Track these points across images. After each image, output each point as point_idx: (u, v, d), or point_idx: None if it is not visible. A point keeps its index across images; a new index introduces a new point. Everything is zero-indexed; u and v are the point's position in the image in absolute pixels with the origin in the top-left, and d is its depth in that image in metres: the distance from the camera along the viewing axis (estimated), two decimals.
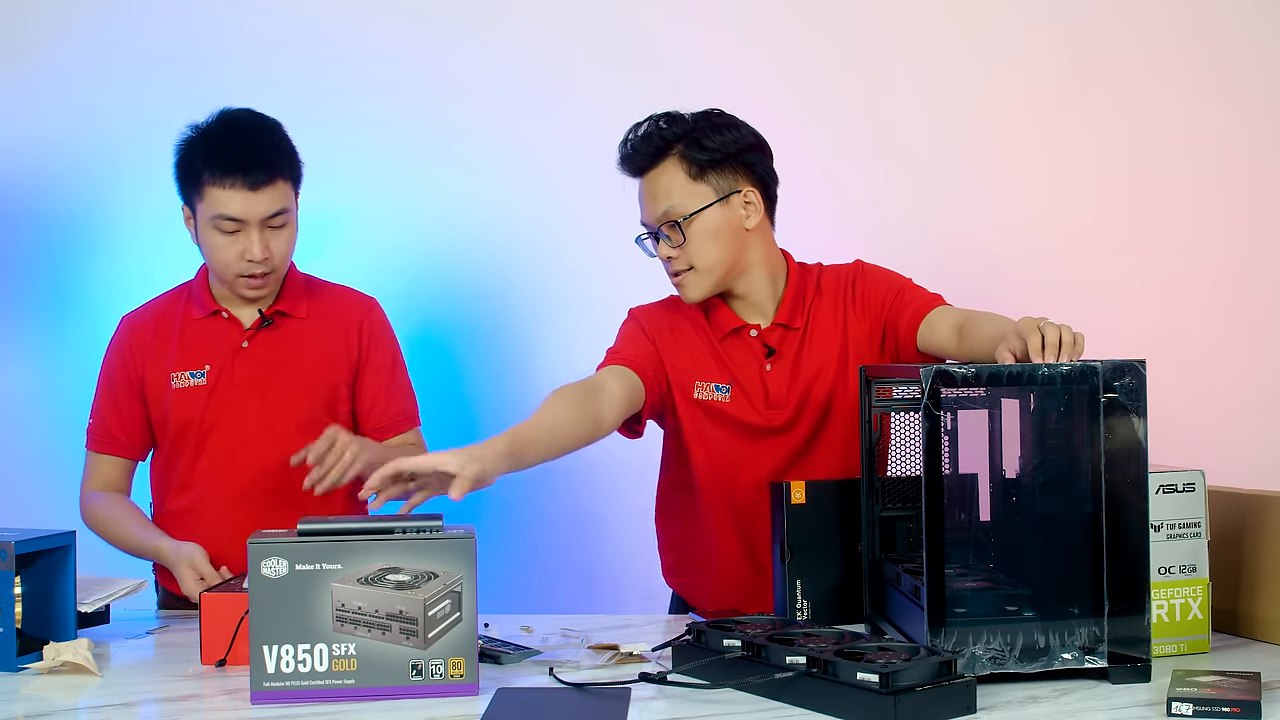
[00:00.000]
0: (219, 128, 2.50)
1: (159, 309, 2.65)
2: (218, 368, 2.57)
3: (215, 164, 2.45)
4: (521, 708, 1.80)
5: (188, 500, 2.58)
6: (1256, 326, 3.20)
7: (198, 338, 2.59)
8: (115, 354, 2.63)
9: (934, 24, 3.26)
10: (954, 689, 1.73)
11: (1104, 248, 3.22)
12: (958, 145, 3.26)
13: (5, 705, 1.89)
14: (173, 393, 2.57)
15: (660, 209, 2.36)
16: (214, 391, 2.56)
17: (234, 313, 2.59)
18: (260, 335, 2.58)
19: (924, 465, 1.85)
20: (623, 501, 2.89)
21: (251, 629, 1.80)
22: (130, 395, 2.61)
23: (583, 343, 3.26)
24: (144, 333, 2.62)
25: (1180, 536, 2.04)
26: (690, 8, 3.29)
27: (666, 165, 2.36)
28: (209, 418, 2.56)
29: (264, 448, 2.55)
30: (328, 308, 2.63)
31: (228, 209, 2.45)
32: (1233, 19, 3.20)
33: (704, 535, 2.49)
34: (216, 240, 2.48)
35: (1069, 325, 1.94)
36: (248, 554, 1.80)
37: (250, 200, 2.45)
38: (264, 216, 2.47)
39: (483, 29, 3.29)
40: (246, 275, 2.50)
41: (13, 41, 3.29)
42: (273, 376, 2.57)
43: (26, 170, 3.28)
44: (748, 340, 2.45)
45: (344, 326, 2.62)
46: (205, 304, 2.60)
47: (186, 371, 2.57)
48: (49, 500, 3.16)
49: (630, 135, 2.40)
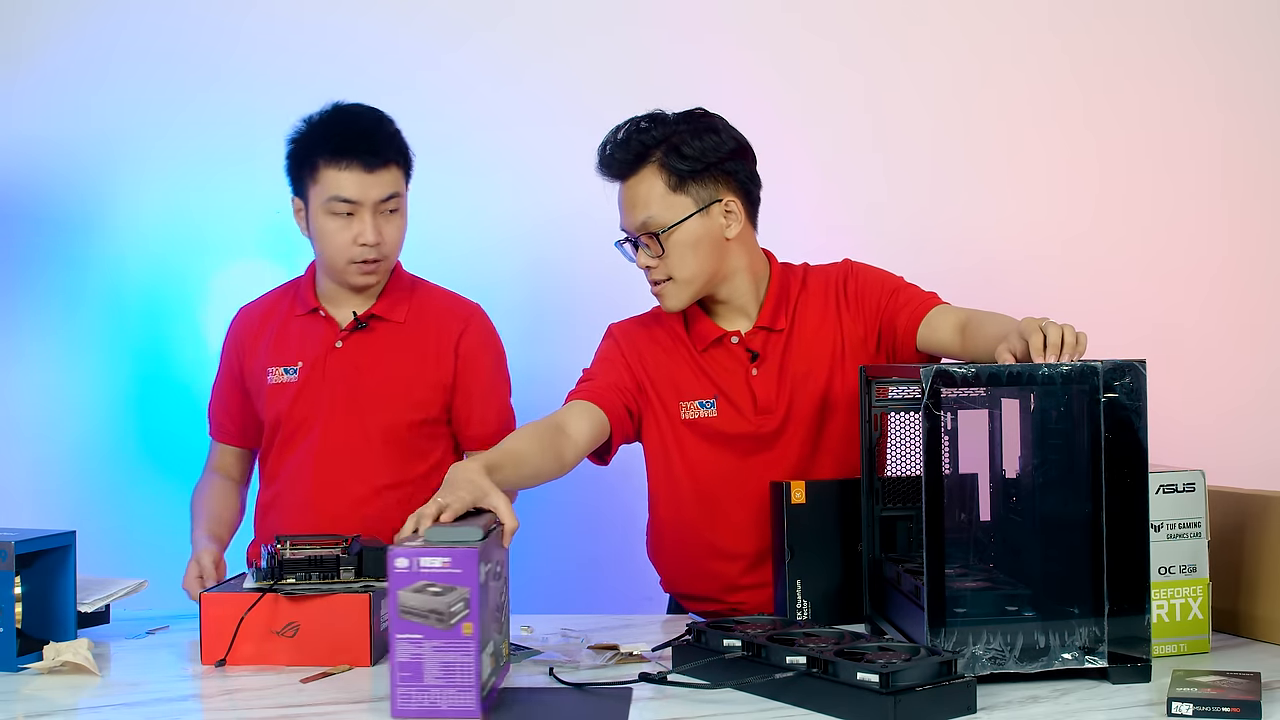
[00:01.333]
0: (334, 115, 2.53)
1: (269, 302, 2.66)
2: (309, 365, 2.57)
3: (331, 146, 2.47)
4: (522, 708, 1.80)
5: (270, 495, 2.61)
6: (1255, 326, 3.20)
7: (296, 334, 2.60)
8: (227, 344, 2.67)
9: (936, 27, 3.27)
10: (954, 689, 1.73)
11: (1104, 249, 3.22)
12: (958, 149, 3.26)
13: (5, 705, 1.89)
14: (269, 388, 2.58)
15: (639, 218, 2.33)
16: (303, 390, 2.56)
17: (331, 312, 2.59)
18: (354, 337, 2.57)
19: (924, 465, 1.85)
20: (623, 501, 2.88)
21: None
22: (234, 386, 2.64)
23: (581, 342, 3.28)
24: (251, 325, 2.64)
25: (1180, 536, 2.04)
26: (690, 9, 3.29)
27: (645, 173, 2.32)
28: (296, 415, 2.56)
29: (344, 448, 2.54)
30: (426, 316, 2.60)
31: (343, 190, 2.46)
32: (1233, 23, 3.20)
33: (705, 554, 2.44)
34: (330, 225, 2.48)
35: (1071, 325, 1.94)
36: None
37: (365, 182, 2.46)
38: (378, 200, 2.48)
39: (482, 29, 3.29)
40: (359, 261, 2.50)
41: (10, 41, 3.29)
42: (362, 380, 2.56)
43: (24, 170, 3.28)
44: (730, 348, 2.41)
45: (439, 339, 2.59)
46: (307, 301, 2.60)
47: (281, 367, 2.58)
48: (49, 500, 3.18)
49: (609, 139, 2.36)
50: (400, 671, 1.74)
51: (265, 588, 2.07)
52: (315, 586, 2.08)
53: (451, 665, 1.74)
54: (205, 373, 3.26)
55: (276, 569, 2.09)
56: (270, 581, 2.08)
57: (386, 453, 2.55)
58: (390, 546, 1.76)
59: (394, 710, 1.75)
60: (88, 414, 3.27)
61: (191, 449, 3.21)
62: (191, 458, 3.19)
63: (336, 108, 2.55)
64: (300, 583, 2.08)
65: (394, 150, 2.52)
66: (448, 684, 1.74)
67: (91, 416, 3.28)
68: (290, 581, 2.08)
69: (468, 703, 1.74)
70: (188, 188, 3.27)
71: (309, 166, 2.50)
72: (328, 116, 2.53)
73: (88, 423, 3.27)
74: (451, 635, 1.74)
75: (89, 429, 3.27)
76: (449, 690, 1.74)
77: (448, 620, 1.74)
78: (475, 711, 1.74)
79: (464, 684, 1.74)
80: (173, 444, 3.26)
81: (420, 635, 1.74)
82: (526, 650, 2.09)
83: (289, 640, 2.06)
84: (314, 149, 2.49)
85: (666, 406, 2.41)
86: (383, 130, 2.52)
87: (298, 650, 2.05)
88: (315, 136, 2.51)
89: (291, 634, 2.06)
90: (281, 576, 2.09)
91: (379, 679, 1.98)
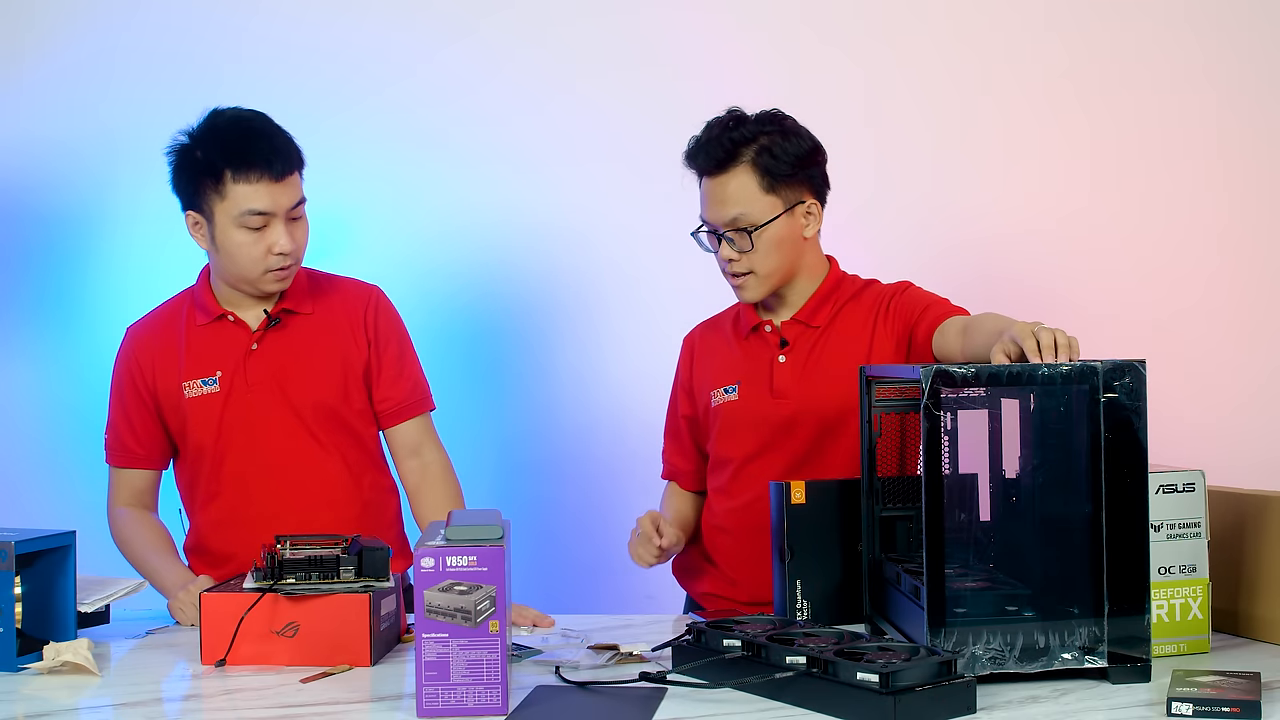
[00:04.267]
0: (229, 126, 2.49)
1: (163, 317, 2.63)
2: (230, 373, 2.54)
3: (238, 160, 2.44)
4: (554, 704, 1.81)
5: (220, 508, 2.56)
6: (1255, 324, 3.20)
7: (205, 344, 2.56)
8: (123, 366, 2.61)
9: (934, 22, 3.26)
10: (954, 689, 1.73)
11: (1103, 245, 3.22)
12: (956, 146, 3.25)
13: (5, 705, 1.89)
14: (187, 402, 2.55)
15: (730, 214, 2.41)
16: (229, 397, 2.54)
17: (240, 315, 2.57)
18: (269, 336, 2.56)
19: (924, 465, 1.85)
20: (623, 502, 2.89)
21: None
22: (141, 407, 2.59)
23: (580, 338, 3.28)
24: (150, 343, 2.59)
25: (1180, 536, 2.04)
26: (692, 10, 3.29)
27: (738, 171, 2.41)
28: (227, 424, 2.54)
29: (285, 448, 2.54)
30: (332, 301, 2.61)
31: (256, 203, 2.44)
32: (1227, 16, 3.20)
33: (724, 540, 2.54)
34: (242, 238, 2.46)
35: (1063, 329, 1.95)
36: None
37: (276, 192, 2.45)
38: (288, 207, 2.48)
39: (482, 24, 3.29)
40: (275, 269, 2.49)
41: (13, 41, 3.29)
42: (286, 375, 2.55)
43: (27, 170, 3.28)
44: (764, 335, 2.51)
45: (350, 318, 2.60)
46: (210, 308, 2.58)
47: (198, 380, 2.55)
48: (49, 500, 3.17)
49: (703, 136, 2.44)
50: (427, 671, 1.75)
51: (265, 588, 2.07)
52: (315, 586, 2.08)
53: (478, 663, 1.75)
54: None
55: (276, 569, 2.09)
56: (270, 581, 2.08)
57: (331, 438, 2.54)
58: (415, 548, 1.76)
59: (420, 710, 1.76)
60: (88, 414, 3.26)
61: None
62: None
63: (225, 117, 2.51)
64: (300, 583, 2.08)
65: (295, 155, 2.50)
66: (475, 682, 1.75)
67: (92, 416, 3.26)
68: (290, 581, 2.08)
69: (494, 700, 1.75)
70: None
71: (213, 180, 2.45)
72: (223, 128, 2.49)
73: (88, 423, 3.26)
74: (478, 633, 1.75)
75: (89, 429, 3.26)
76: (476, 688, 1.75)
77: (475, 619, 1.75)
78: (502, 709, 1.75)
79: (491, 681, 1.75)
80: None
81: (447, 634, 1.75)
82: (527, 650, 2.09)
83: (289, 640, 2.06)
84: (216, 163, 2.45)
85: (707, 403, 2.55)
86: (281, 136, 2.50)
87: (298, 650, 2.05)
88: (215, 150, 2.46)
89: (291, 634, 2.06)
90: (281, 576, 2.09)
91: (379, 679, 1.98)
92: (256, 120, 2.51)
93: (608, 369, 3.27)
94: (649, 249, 3.24)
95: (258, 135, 2.47)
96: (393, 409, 2.61)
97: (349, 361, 2.58)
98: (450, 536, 1.79)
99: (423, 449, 2.62)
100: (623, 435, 3.25)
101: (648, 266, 3.25)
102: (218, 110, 2.52)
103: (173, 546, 2.59)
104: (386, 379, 2.60)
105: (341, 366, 2.58)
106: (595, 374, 3.28)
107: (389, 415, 2.61)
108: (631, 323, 3.27)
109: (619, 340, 3.27)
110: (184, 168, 2.50)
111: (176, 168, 2.52)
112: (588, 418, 3.26)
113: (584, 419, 3.28)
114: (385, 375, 2.60)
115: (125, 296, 3.28)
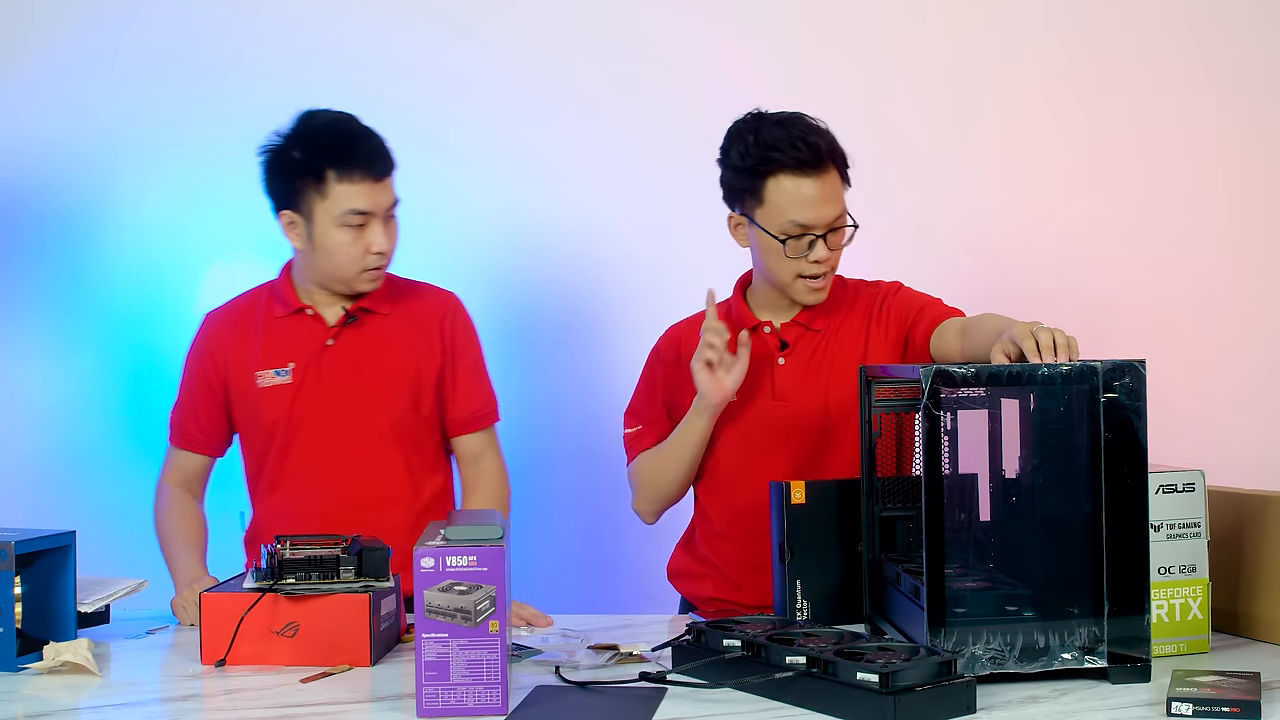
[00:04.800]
0: (329, 128, 2.51)
1: (241, 306, 2.64)
2: (303, 366, 2.56)
3: (341, 160, 2.46)
4: (554, 704, 1.81)
5: (279, 499, 2.57)
6: (1254, 323, 3.20)
7: (282, 335, 2.58)
8: (197, 351, 2.63)
9: (934, 24, 3.26)
10: (954, 689, 1.73)
11: (1103, 245, 3.22)
12: (956, 147, 3.26)
13: (5, 705, 1.89)
14: (258, 391, 2.56)
15: (836, 212, 2.41)
16: (300, 390, 2.55)
17: (319, 310, 2.58)
18: (345, 333, 2.57)
19: (924, 465, 1.85)
20: (623, 502, 2.88)
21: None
22: (210, 394, 2.60)
23: (580, 338, 3.28)
24: (226, 330, 2.61)
25: (1180, 536, 2.04)
26: (691, 10, 3.29)
27: (834, 173, 2.42)
28: (296, 416, 2.55)
29: (351, 445, 2.54)
30: (410, 305, 2.62)
31: (358, 203, 2.46)
32: (1225, 15, 3.20)
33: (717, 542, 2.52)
34: (341, 237, 2.48)
35: (1061, 329, 1.95)
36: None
37: (376, 192, 2.48)
38: (386, 207, 2.50)
39: (482, 24, 3.29)
40: (371, 268, 2.51)
41: (13, 41, 3.29)
42: (359, 374, 2.56)
43: (26, 169, 3.28)
44: (763, 336, 2.50)
45: (427, 325, 2.61)
46: (289, 301, 2.58)
47: (271, 370, 2.56)
48: (49, 500, 3.17)
49: (797, 132, 2.39)
50: (427, 671, 1.75)
51: (265, 588, 2.07)
52: (315, 586, 2.08)
53: (478, 663, 1.75)
54: None
55: (276, 569, 2.09)
56: (270, 581, 2.08)
57: (395, 440, 2.56)
58: (415, 547, 1.77)
59: (420, 710, 1.76)
60: (88, 414, 3.27)
61: None
62: None
63: (325, 119, 2.53)
64: (300, 583, 2.08)
65: (390, 157, 2.53)
66: (474, 682, 1.76)
67: (91, 416, 3.27)
68: (290, 581, 2.08)
69: (494, 700, 1.75)
70: (189, 188, 3.26)
71: (315, 180, 2.47)
72: (322, 129, 2.51)
73: (88, 422, 3.27)
74: (478, 633, 1.75)
75: (89, 429, 3.27)
76: (476, 688, 1.76)
77: (474, 619, 1.75)
78: (502, 709, 1.75)
79: (491, 681, 1.75)
80: None
81: (446, 634, 1.75)
82: (527, 650, 2.09)
83: (289, 640, 2.06)
84: (318, 163, 2.47)
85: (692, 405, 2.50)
86: (377, 137, 2.53)
87: (298, 650, 2.05)
88: (317, 151, 2.48)
89: (291, 634, 2.06)
90: (281, 576, 2.09)
91: (379, 679, 1.98)
92: (353, 122, 2.53)
93: (607, 368, 3.26)
94: (649, 249, 3.24)
95: (358, 136, 2.50)
96: (462, 419, 2.62)
97: (421, 367, 2.59)
98: (450, 536, 1.79)
99: (482, 458, 2.63)
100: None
101: (648, 267, 3.25)
102: (311, 112, 2.54)
103: (201, 542, 2.60)
104: (460, 390, 2.61)
105: (414, 371, 2.58)
106: (595, 373, 3.28)
107: (457, 425, 2.62)
108: (631, 322, 3.26)
109: (619, 340, 3.27)
110: (280, 168, 2.51)
111: (271, 168, 2.53)
112: (587, 417, 3.26)
113: (584, 418, 3.28)
114: (459, 386, 2.61)
115: (125, 297, 3.28)
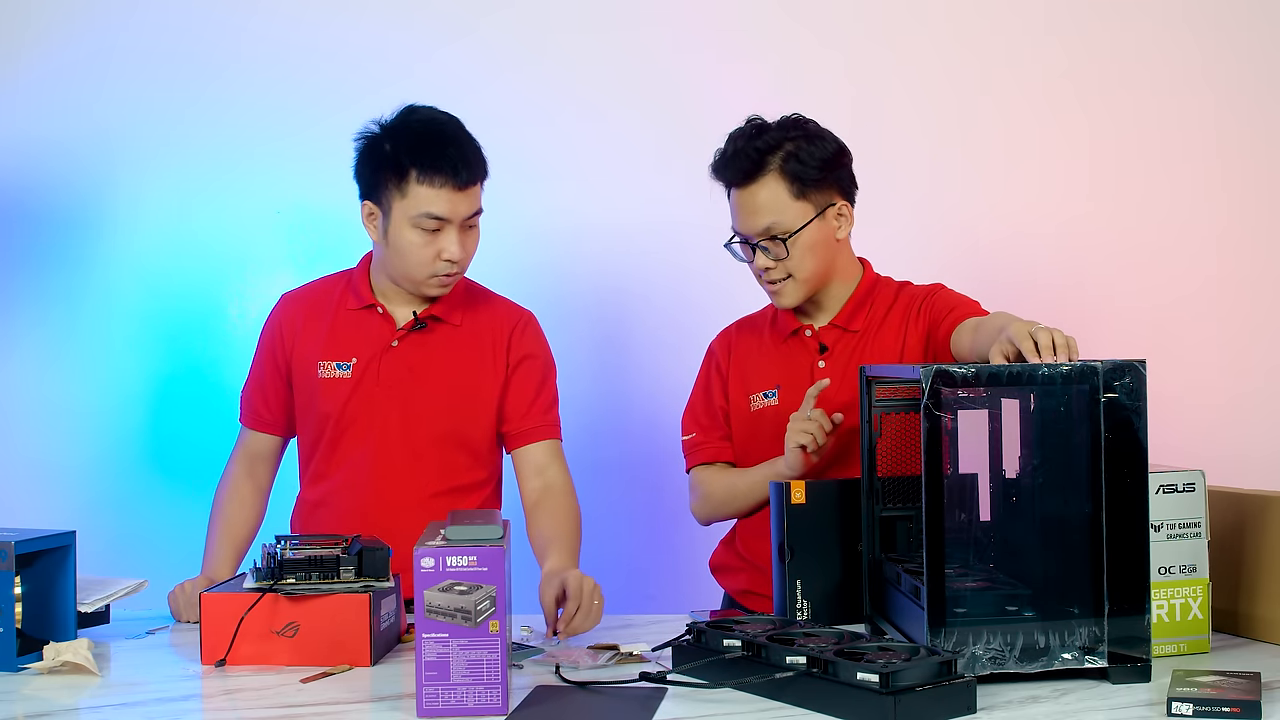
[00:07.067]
0: (422, 126, 2.46)
1: (316, 292, 2.61)
2: (365, 362, 2.52)
3: (426, 162, 2.41)
4: (554, 704, 1.81)
5: (322, 491, 2.55)
6: (1254, 323, 3.20)
7: (349, 329, 2.54)
8: (269, 331, 2.60)
9: (933, 25, 3.26)
10: (954, 689, 1.73)
11: (1103, 245, 3.22)
12: (956, 147, 3.26)
13: (5, 705, 1.89)
14: (319, 381, 2.53)
15: (762, 224, 2.40)
16: (358, 387, 2.51)
17: (389, 309, 2.54)
18: (412, 337, 2.53)
19: (924, 465, 1.85)
20: (623, 502, 2.89)
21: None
22: (276, 373, 2.58)
23: (580, 338, 3.28)
24: (298, 314, 2.58)
25: (1180, 536, 2.04)
26: (691, 11, 3.29)
27: (767, 180, 2.40)
28: (349, 412, 2.52)
29: (398, 448, 2.50)
30: (480, 318, 2.57)
31: (434, 208, 2.41)
32: (1225, 15, 3.20)
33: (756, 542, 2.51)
34: (414, 239, 2.43)
35: (1060, 329, 1.95)
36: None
37: (456, 200, 2.42)
38: (465, 216, 2.45)
39: (481, 23, 3.29)
40: (441, 274, 2.47)
41: (10, 41, 3.29)
42: (418, 381, 2.52)
43: (24, 169, 3.28)
44: (804, 340, 2.52)
45: (494, 339, 2.56)
46: (363, 295, 2.55)
47: (334, 361, 2.53)
48: (49, 500, 3.17)
49: (729, 147, 2.42)
50: (427, 671, 1.75)
51: (265, 588, 2.07)
52: (315, 586, 2.08)
53: (478, 663, 1.75)
54: (206, 372, 3.27)
55: (276, 569, 2.09)
56: (270, 581, 2.08)
57: (444, 451, 2.51)
58: (415, 547, 1.76)
59: (420, 710, 1.76)
60: (87, 414, 3.27)
61: (192, 448, 3.22)
62: (193, 457, 3.20)
63: (421, 116, 2.48)
64: (300, 583, 2.08)
65: (481, 166, 2.47)
66: (475, 682, 1.76)
67: (91, 416, 3.27)
68: (290, 581, 2.08)
69: (494, 700, 1.75)
70: (187, 187, 3.26)
71: (397, 177, 2.42)
72: (416, 126, 2.46)
73: (88, 422, 3.27)
74: (478, 633, 1.75)
75: (89, 429, 3.27)
76: (476, 688, 1.76)
77: (475, 619, 1.75)
78: (502, 709, 1.75)
79: (491, 681, 1.76)
80: (174, 444, 3.26)
81: (447, 634, 1.75)
82: (527, 650, 2.09)
83: (289, 640, 2.06)
84: (403, 160, 2.42)
85: (741, 406, 2.53)
86: (471, 145, 2.47)
87: (298, 650, 2.05)
88: (405, 147, 2.43)
89: (291, 634, 2.06)
90: (281, 576, 2.09)
91: (379, 679, 1.98)
92: (450, 125, 2.48)
93: (609, 369, 3.27)
94: (650, 249, 3.24)
95: (449, 140, 2.44)
96: (524, 430, 2.54)
97: (482, 381, 2.54)
98: (450, 536, 1.79)
99: (548, 470, 2.53)
100: (624, 435, 3.25)
101: (647, 266, 3.25)
102: (413, 107, 2.49)
103: (242, 535, 2.57)
104: (524, 403, 2.54)
105: (473, 385, 2.54)
106: (597, 375, 3.28)
107: (519, 436, 2.55)
108: (631, 322, 3.27)
109: (620, 340, 3.27)
110: (369, 158, 2.47)
111: (362, 156, 2.48)
112: (588, 418, 3.25)
113: (583, 419, 3.27)
114: (523, 399, 2.54)
115: (123, 297, 3.28)
